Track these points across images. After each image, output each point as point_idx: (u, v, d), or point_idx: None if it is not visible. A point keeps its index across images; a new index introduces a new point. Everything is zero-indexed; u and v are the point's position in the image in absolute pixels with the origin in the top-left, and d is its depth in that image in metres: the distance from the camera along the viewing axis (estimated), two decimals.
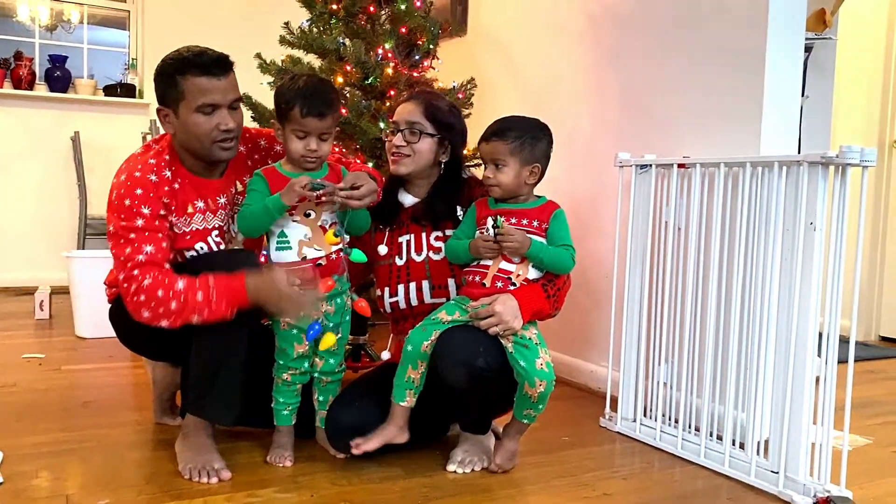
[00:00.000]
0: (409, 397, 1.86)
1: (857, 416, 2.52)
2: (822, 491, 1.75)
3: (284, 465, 1.87)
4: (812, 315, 1.80)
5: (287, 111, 1.80)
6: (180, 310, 1.72)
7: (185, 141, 1.85)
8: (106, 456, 1.92)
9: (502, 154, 1.85)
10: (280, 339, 1.90)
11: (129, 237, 1.76)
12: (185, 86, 1.79)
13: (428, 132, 1.98)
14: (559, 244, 1.86)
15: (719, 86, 2.29)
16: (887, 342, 4.06)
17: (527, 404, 1.81)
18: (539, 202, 1.90)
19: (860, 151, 1.69)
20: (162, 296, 1.72)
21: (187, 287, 1.72)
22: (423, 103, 2.00)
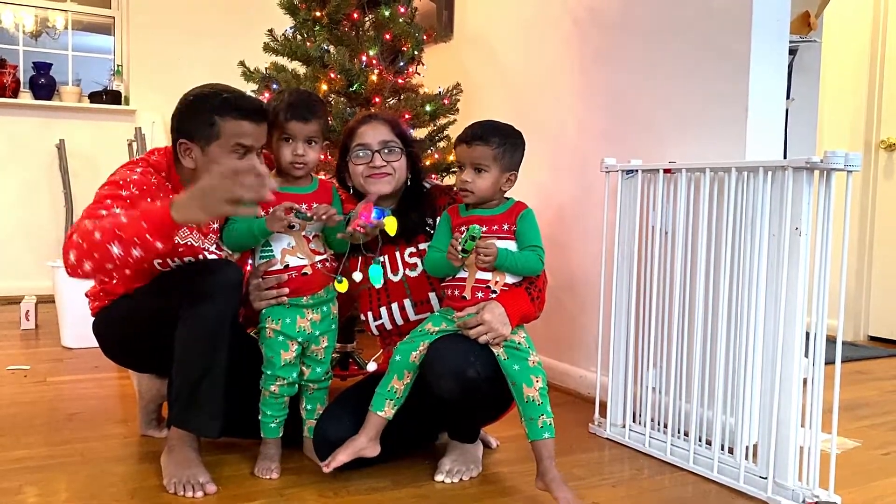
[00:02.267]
0: (388, 408, 1.83)
1: (846, 418, 2.53)
2: (810, 496, 1.75)
3: (271, 478, 1.86)
4: (798, 319, 1.79)
5: (274, 120, 1.86)
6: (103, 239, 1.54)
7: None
8: (91, 470, 1.90)
9: (485, 159, 1.82)
10: (266, 348, 1.89)
11: (103, 201, 1.71)
12: (224, 128, 1.77)
13: (401, 148, 1.99)
14: (527, 245, 1.84)
15: (705, 89, 2.29)
16: (876, 342, 4.08)
17: (534, 410, 1.74)
18: (507, 205, 1.89)
19: (845, 156, 1.69)
20: (90, 227, 1.57)
21: (112, 215, 1.62)
22: (389, 122, 2.02)
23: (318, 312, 1.92)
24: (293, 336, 1.88)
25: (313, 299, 1.91)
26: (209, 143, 1.78)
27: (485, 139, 1.83)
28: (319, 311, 1.92)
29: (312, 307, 1.91)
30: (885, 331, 4.09)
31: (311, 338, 1.91)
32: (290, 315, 1.89)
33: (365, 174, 1.98)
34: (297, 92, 1.94)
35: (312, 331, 1.91)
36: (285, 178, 1.91)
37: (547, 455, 1.73)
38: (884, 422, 2.53)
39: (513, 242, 1.85)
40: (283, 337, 1.88)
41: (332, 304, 1.96)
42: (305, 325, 1.90)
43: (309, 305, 1.90)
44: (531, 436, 1.74)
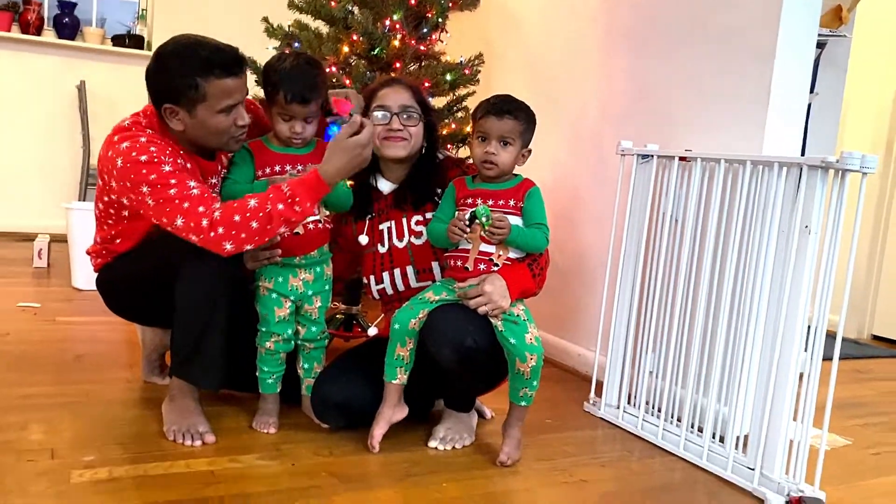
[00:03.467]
0: (401, 375, 1.88)
1: (840, 415, 2.55)
2: (795, 490, 1.77)
3: (269, 432, 1.90)
4: (800, 315, 1.80)
5: (272, 94, 1.83)
6: (263, 227, 1.68)
7: (197, 138, 1.81)
8: (94, 412, 1.95)
9: (513, 133, 1.85)
10: (261, 306, 1.93)
11: (167, 182, 1.68)
12: (209, 89, 1.73)
13: (420, 114, 1.99)
14: (533, 222, 1.86)
15: (727, 79, 2.27)
16: (880, 341, 4.08)
17: (521, 383, 1.81)
18: (515, 181, 1.90)
19: (861, 158, 1.68)
20: (240, 220, 1.67)
21: (261, 202, 1.69)
22: (411, 88, 2.02)
23: (310, 272, 1.95)
24: (286, 294, 1.92)
25: (306, 259, 1.93)
26: (195, 105, 1.75)
27: (514, 113, 1.86)
28: (312, 272, 1.95)
29: (305, 267, 1.93)
30: (890, 331, 4.09)
31: (304, 297, 1.95)
32: (282, 274, 1.91)
33: (381, 136, 1.98)
34: (298, 67, 1.85)
35: (305, 290, 1.94)
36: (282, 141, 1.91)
37: (516, 416, 1.88)
38: (878, 422, 2.54)
39: (518, 218, 1.86)
40: (276, 294, 1.91)
41: (326, 265, 1.99)
42: (298, 284, 1.93)
43: (301, 265, 1.93)
44: (510, 397, 1.87)
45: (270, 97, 1.84)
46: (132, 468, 1.63)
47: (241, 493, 1.57)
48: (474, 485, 1.73)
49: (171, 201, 1.69)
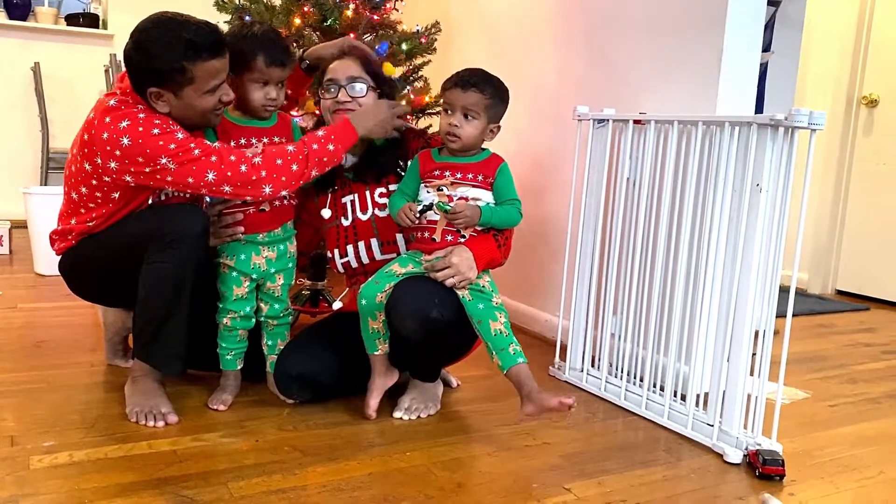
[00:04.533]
0: (381, 345, 1.90)
1: (801, 370, 2.61)
2: (753, 444, 1.81)
3: (218, 409, 1.90)
4: (754, 273, 1.82)
5: (248, 61, 1.81)
6: (301, 170, 1.79)
7: (182, 118, 1.78)
8: (55, 397, 1.93)
9: (477, 106, 1.83)
10: (220, 283, 1.93)
11: (187, 146, 1.69)
12: (196, 72, 1.70)
13: (371, 85, 1.96)
14: (505, 199, 1.87)
15: (680, 41, 2.27)
16: (843, 296, 4.16)
17: (504, 341, 1.78)
18: (484, 155, 1.90)
19: (809, 114, 1.70)
20: (282, 163, 1.76)
21: (299, 146, 1.80)
22: (360, 58, 1.99)
23: (273, 250, 1.94)
24: (247, 272, 1.91)
25: (269, 237, 1.92)
26: (182, 87, 1.72)
27: (479, 87, 1.83)
28: (275, 249, 1.94)
29: (268, 244, 1.93)
30: (853, 285, 4.16)
31: (267, 275, 1.94)
32: (245, 252, 1.91)
33: (331, 109, 1.97)
34: (271, 32, 1.87)
35: (268, 268, 1.93)
36: (243, 112, 1.89)
37: (525, 377, 1.77)
38: (836, 374, 2.60)
39: (486, 192, 1.86)
40: (236, 273, 1.91)
41: (290, 242, 1.98)
42: (261, 262, 1.92)
43: (265, 243, 1.92)
44: (506, 364, 1.78)
45: (243, 64, 1.81)
46: (93, 451, 1.63)
47: (204, 472, 1.57)
48: (438, 452, 1.74)
49: (197, 160, 1.70)
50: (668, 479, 1.69)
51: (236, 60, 1.80)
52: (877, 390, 2.44)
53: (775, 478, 1.70)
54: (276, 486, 1.52)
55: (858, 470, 1.80)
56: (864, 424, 2.12)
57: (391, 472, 1.63)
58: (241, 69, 1.82)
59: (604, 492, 1.60)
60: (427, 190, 1.87)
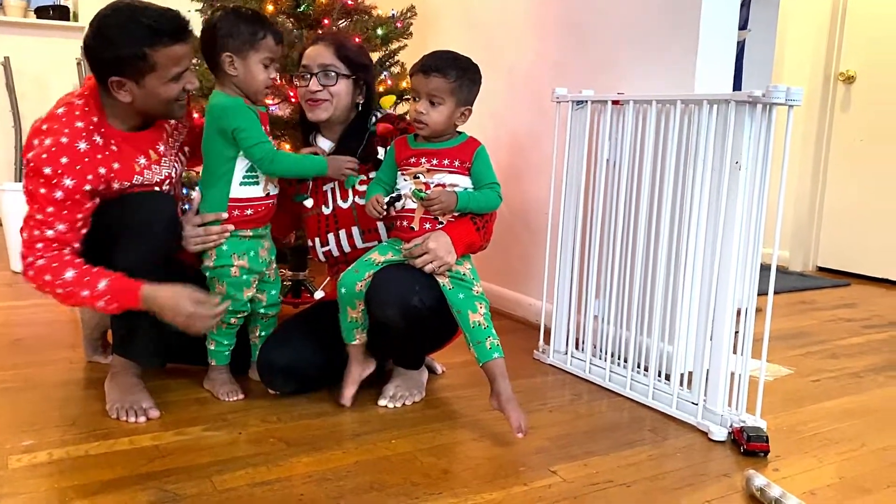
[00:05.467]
0: (359, 335, 1.88)
1: (783, 346, 2.62)
2: (737, 421, 1.82)
3: (240, 398, 1.91)
4: (735, 251, 1.82)
5: (258, 40, 1.77)
6: (65, 297, 1.70)
7: (146, 108, 1.74)
8: (34, 395, 1.90)
9: (442, 91, 1.79)
10: (229, 286, 1.86)
11: (45, 208, 1.66)
12: (157, 58, 1.67)
13: (343, 73, 1.93)
14: (484, 183, 1.85)
15: (657, 21, 2.26)
16: (824, 272, 4.19)
17: (482, 334, 1.77)
18: (460, 139, 1.87)
19: (786, 90, 1.69)
20: (49, 280, 1.68)
21: (75, 280, 1.68)
22: (333, 44, 1.94)
23: (269, 240, 1.95)
24: (259, 269, 1.90)
25: (266, 228, 1.93)
26: (144, 75, 1.68)
27: (442, 71, 1.79)
28: (269, 239, 1.95)
29: (266, 236, 1.94)
30: (834, 262, 4.19)
31: (267, 265, 1.94)
32: (253, 248, 1.88)
33: (304, 98, 1.94)
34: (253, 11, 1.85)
35: (267, 257, 1.94)
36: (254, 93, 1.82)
37: (499, 374, 1.76)
38: (819, 350, 2.62)
39: (464, 178, 1.84)
40: (247, 275, 1.88)
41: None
42: (265, 254, 1.93)
43: (265, 235, 1.93)
44: (481, 358, 1.77)
45: (252, 44, 1.76)
46: (73, 449, 1.60)
47: (187, 466, 1.55)
48: (423, 439, 1.74)
49: (29, 217, 1.68)
50: (654, 458, 1.69)
51: (245, 38, 1.76)
52: (858, 364, 2.46)
53: (760, 454, 1.71)
54: (260, 479, 1.51)
55: (841, 443, 1.81)
56: (846, 398, 2.14)
57: (376, 460, 1.62)
58: (248, 49, 1.76)
59: (590, 473, 1.60)
60: (404, 178, 1.85)
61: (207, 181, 1.84)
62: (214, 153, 1.80)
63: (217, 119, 1.77)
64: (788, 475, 1.63)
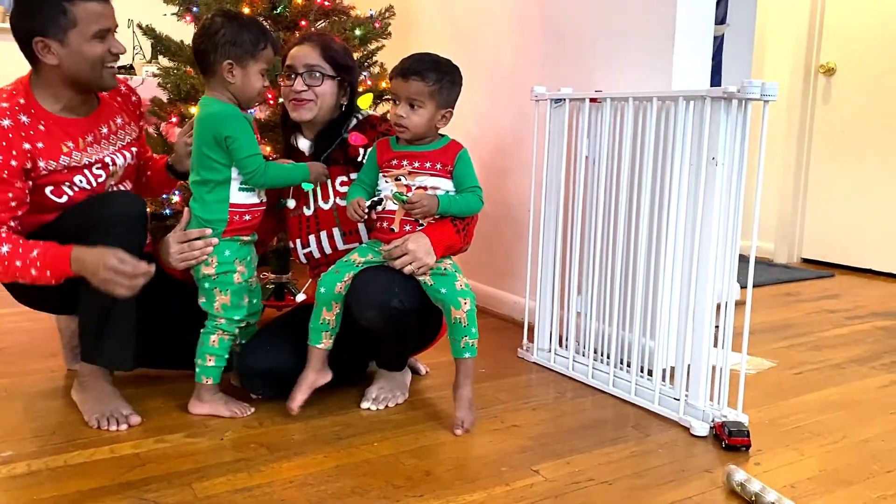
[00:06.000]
0: (326, 339, 1.85)
1: (767, 339, 2.64)
2: (719, 416, 1.82)
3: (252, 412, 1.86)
4: (713, 245, 1.83)
5: (260, 50, 1.77)
6: (1, 272, 1.70)
7: (74, 71, 1.75)
8: (13, 406, 1.89)
9: (421, 95, 1.78)
10: (233, 295, 1.83)
11: None
12: (77, 13, 1.70)
13: (329, 74, 1.92)
14: (466, 187, 1.85)
15: (634, 17, 2.27)
16: (809, 264, 4.21)
17: (460, 332, 1.78)
18: (442, 142, 1.86)
19: (761, 86, 1.70)
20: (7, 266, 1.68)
21: (10, 253, 1.68)
22: (320, 45, 1.94)
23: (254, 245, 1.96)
24: (252, 274, 1.89)
25: (255, 234, 1.92)
26: (66, 33, 1.71)
27: (421, 74, 1.78)
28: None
29: (254, 242, 1.94)
30: (818, 253, 4.21)
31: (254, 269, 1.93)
32: (249, 253, 1.88)
33: (288, 98, 1.94)
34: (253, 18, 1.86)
35: (255, 265, 1.93)
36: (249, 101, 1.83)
37: (463, 373, 1.81)
38: (802, 342, 2.63)
39: (446, 181, 1.84)
40: (247, 281, 1.86)
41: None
42: (254, 259, 1.93)
43: (254, 240, 1.92)
44: (453, 353, 1.81)
45: (252, 54, 1.75)
46: (52, 459, 1.59)
47: (168, 473, 1.54)
48: (405, 441, 1.74)
49: None
50: (636, 455, 1.69)
51: (246, 48, 1.75)
52: (841, 356, 2.48)
53: (741, 448, 1.71)
54: (241, 485, 1.50)
55: (823, 435, 1.82)
56: (828, 390, 2.15)
57: (358, 463, 1.61)
58: (248, 58, 1.76)
59: (572, 471, 1.60)
60: (385, 180, 1.85)
61: (204, 188, 1.80)
62: (210, 161, 1.76)
63: (213, 126, 1.74)
64: (770, 469, 1.64)
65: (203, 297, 1.84)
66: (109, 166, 1.90)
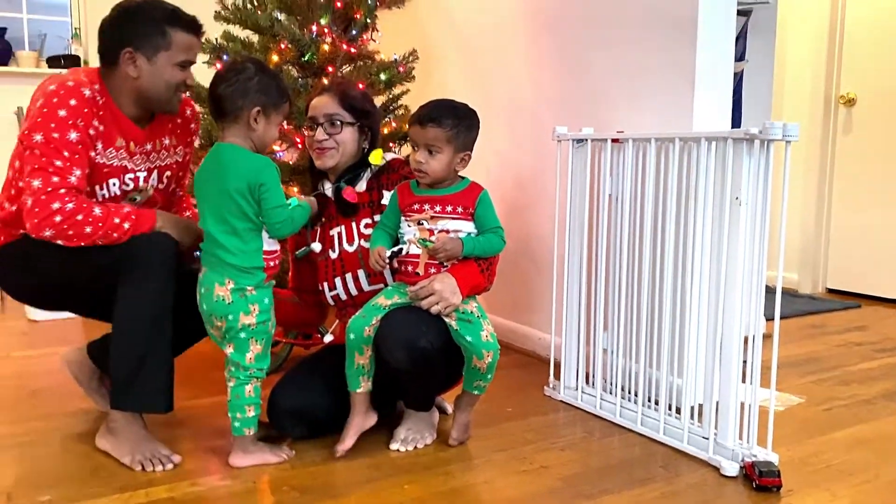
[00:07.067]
0: (364, 383, 1.89)
1: (794, 373, 2.62)
2: (748, 455, 1.82)
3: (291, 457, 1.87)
4: (739, 283, 1.84)
5: (283, 103, 1.83)
6: (93, 232, 1.76)
7: (149, 87, 1.87)
8: (51, 449, 1.93)
9: (438, 141, 1.83)
10: (266, 341, 1.82)
11: (62, 152, 1.75)
12: (174, 38, 1.85)
13: (348, 121, 1.98)
14: (488, 228, 1.88)
15: (654, 57, 2.30)
16: (834, 294, 4.18)
17: (476, 376, 1.86)
18: (462, 185, 1.90)
19: (783, 127, 1.72)
20: (80, 220, 1.74)
21: (104, 213, 1.77)
22: (338, 93, 2.01)
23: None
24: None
25: None
26: (157, 53, 1.84)
27: (438, 120, 1.83)
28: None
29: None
30: (843, 283, 4.18)
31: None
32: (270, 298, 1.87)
33: (312, 147, 2.00)
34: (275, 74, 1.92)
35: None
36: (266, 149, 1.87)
37: (467, 402, 1.96)
38: (830, 377, 2.61)
39: (467, 223, 1.88)
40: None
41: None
42: None
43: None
44: (464, 385, 1.93)
45: (276, 106, 1.80)
46: (91, 503, 1.62)
47: None
48: (435, 483, 1.75)
49: (44, 170, 1.73)
50: (666, 495, 1.69)
51: (275, 101, 1.80)
52: (870, 391, 2.46)
53: (772, 489, 1.71)
54: None
55: (854, 475, 1.81)
56: (859, 427, 2.13)
57: None
58: (271, 109, 1.80)
59: None
60: (407, 224, 1.89)
61: (235, 238, 1.76)
62: (239, 209, 1.75)
63: (249, 173, 1.74)
64: None
65: (234, 348, 1.79)
66: (140, 182, 1.98)
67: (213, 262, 1.78)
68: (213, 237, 1.77)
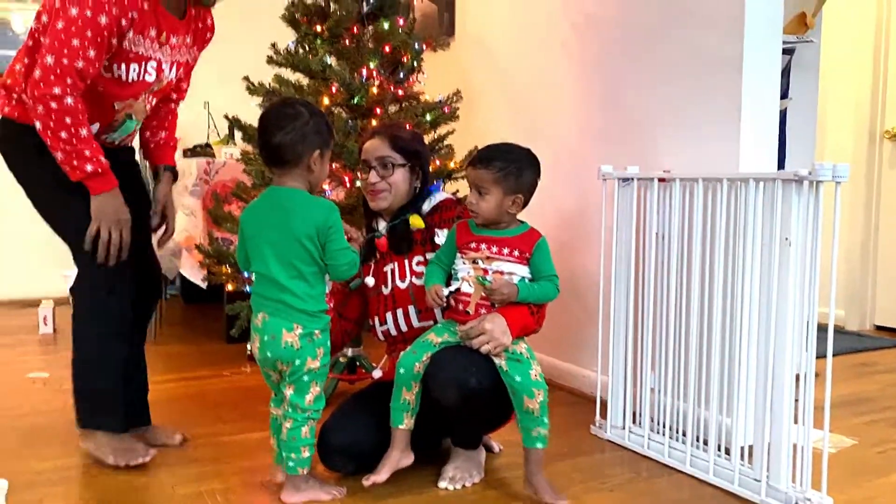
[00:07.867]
0: (407, 419, 1.90)
1: (845, 414, 2.57)
2: (802, 499, 1.79)
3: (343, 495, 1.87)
4: (790, 324, 1.83)
5: (332, 139, 1.88)
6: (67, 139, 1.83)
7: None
8: (108, 479, 1.97)
9: (486, 182, 1.87)
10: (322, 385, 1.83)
11: (84, 31, 1.80)
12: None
13: (399, 163, 2.04)
14: (544, 275, 1.90)
15: (699, 95, 2.33)
16: (882, 331, 4.10)
17: (532, 422, 1.82)
18: (521, 230, 1.93)
19: (832, 168, 1.72)
20: (68, 123, 1.82)
21: (85, 139, 1.86)
22: (388, 136, 2.07)
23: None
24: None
25: None
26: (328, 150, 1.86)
27: (486, 163, 1.88)
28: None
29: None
30: (891, 319, 4.11)
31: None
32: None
33: (366, 189, 2.06)
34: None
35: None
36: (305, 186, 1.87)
37: (534, 461, 1.85)
38: (883, 417, 2.56)
39: (522, 267, 1.90)
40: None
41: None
42: None
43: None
44: (525, 443, 1.85)
45: (327, 145, 1.84)
46: None
47: None
48: None
49: (63, 44, 1.80)
50: None
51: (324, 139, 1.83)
52: None
53: None
54: None
55: None
56: None
57: None
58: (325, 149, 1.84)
59: None
60: (463, 261, 1.92)
61: (304, 283, 1.77)
62: (306, 253, 1.75)
63: (319, 217, 1.75)
64: None
65: (294, 389, 1.78)
66: (164, 72, 2.05)
67: (280, 308, 1.76)
68: (277, 283, 1.75)
